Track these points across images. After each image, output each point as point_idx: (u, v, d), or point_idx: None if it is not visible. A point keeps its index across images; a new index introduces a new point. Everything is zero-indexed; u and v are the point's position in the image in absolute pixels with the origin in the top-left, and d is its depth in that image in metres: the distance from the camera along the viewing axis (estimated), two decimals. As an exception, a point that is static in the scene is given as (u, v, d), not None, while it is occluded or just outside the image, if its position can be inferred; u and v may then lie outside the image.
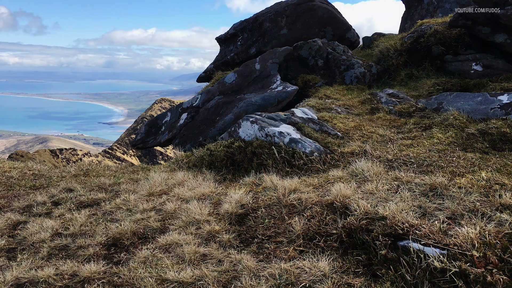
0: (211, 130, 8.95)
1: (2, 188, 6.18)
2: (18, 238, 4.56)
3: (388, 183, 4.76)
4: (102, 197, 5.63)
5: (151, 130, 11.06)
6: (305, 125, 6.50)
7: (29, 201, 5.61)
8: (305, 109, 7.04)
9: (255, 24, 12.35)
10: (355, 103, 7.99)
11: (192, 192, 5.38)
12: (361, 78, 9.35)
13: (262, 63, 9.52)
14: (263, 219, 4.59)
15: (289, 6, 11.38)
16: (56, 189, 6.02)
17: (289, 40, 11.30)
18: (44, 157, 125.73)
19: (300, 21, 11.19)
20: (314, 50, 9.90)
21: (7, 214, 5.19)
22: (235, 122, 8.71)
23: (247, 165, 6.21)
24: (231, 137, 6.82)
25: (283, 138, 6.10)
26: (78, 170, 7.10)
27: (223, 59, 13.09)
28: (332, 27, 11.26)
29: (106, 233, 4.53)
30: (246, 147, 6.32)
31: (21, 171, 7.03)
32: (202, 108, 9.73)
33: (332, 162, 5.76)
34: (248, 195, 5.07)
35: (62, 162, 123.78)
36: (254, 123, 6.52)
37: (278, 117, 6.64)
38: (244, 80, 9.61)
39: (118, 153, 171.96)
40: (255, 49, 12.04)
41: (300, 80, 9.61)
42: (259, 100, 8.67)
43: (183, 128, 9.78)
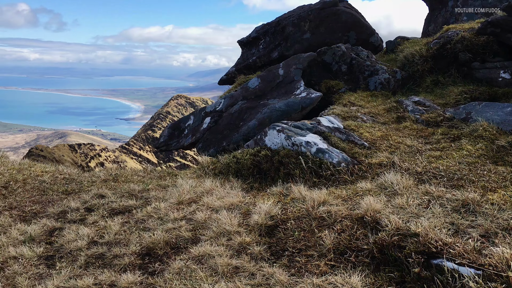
0: (234, 136, 9.02)
1: (36, 193, 6.36)
2: (56, 246, 4.71)
3: (419, 198, 4.76)
4: (133, 204, 5.75)
5: (174, 133, 11.19)
6: (331, 134, 6.52)
7: (63, 207, 5.77)
8: (330, 118, 7.06)
9: (277, 28, 12.37)
10: (381, 111, 7.97)
11: (221, 202, 5.46)
12: (385, 84, 9.32)
13: (286, 68, 9.56)
14: (293, 231, 4.64)
15: (313, 10, 11.38)
16: (88, 194, 6.17)
17: (312, 44, 11.31)
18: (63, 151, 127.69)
19: (323, 25, 11.18)
20: (337, 55, 9.90)
21: (42, 220, 5.35)
22: (259, 128, 8.77)
23: (273, 174, 6.26)
24: (257, 145, 6.88)
25: (310, 148, 6.14)
26: (107, 175, 7.25)
27: (245, 62, 13.16)
28: (356, 32, 11.22)
29: (140, 242, 4.64)
30: (273, 156, 6.38)
31: (53, 175, 7.21)
32: (225, 113, 9.81)
33: (360, 173, 5.78)
34: (277, 206, 5.12)
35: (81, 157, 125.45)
36: (280, 132, 6.56)
37: (305, 126, 6.68)
38: (267, 85, 9.66)
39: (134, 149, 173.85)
40: (277, 53, 12.08)
41: (324, 85, 9.62)
42: (283, 106, 8.71)
43: (206, 132, 9.88)
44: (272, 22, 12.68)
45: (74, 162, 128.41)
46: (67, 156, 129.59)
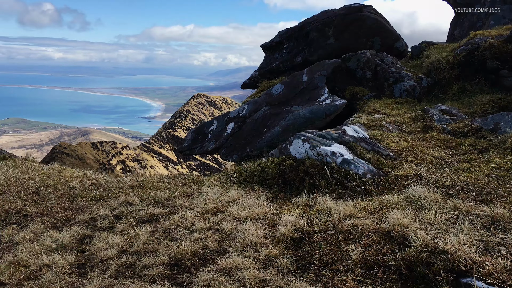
0: (258, 142, 9.06)
1: (66, 199, 6.53)
2: (87, 254, 4.83)
3: (447, 213, 4.72)
4: (160, 212, 5.85)
5: (198, 137, 11.31)
6: (357, 144, 6.51)
7: (92, 214, 5.91)
8: (356, 127, 7.04)
9: (301, 32, 12.36)
10: (406, 120, 7.90)
11: (246, 212, 5.52)
12: (410, 91, 9.23)
13: (310, 75, 9.55)
14: (319, 244, 4.65)
15: (337, 16, 11.32)
16: (116, 202, 6.30)
17: (335, 50, 11.27)
18: (85, 149, 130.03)
19: (347, 31, 11.12)
20: (362, 62, 9.84)
21: (73, 227, 5.50)
22: (282, 134, 8.81)
23: (298, 183, 6.29)
24: (282, 154, 6.91)
25: (335, 159, 6.14)
26: (134, 181, 7.39)
27: (268, 66, 13.19)
28: (380, 37, 11.13)
29: (168, 252, 4.73)
30: (298, 165, 6.40)
31: (81, 180, 7.38)
32: (249, 119, 9.86)
33: (386, 185, 5.76)
34: (302, 218, 5.14)
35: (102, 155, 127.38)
36: (305, 141, 6.58)
37: (330, 136, 6.68)
38: (291, 91, 9.67)
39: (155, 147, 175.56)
40: (300, 58, 12.07)
41: (348, 92, 9.58)
42: (307, 113, 8.71)
43: (230, 138, 9.95)
44: (295, 26, 12.67)
45: (96, 160, 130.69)
46: (89, 154, 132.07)
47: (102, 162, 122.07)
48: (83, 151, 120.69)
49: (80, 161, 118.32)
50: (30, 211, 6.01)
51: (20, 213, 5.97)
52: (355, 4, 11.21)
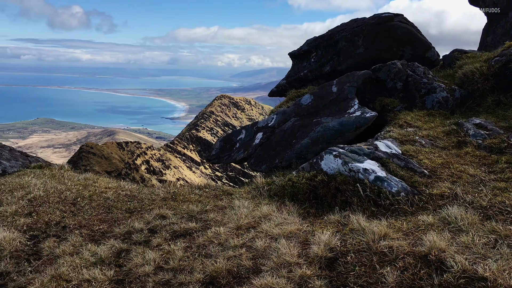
0: (287, 153, 9.09)
1: (102, 211, 6.70)
2: (125, 269, 4.95)
3: (485, 236, 4.64)
4: (193, 227, 5.94)
5: (226, 146, 11.41)
6: (389, 161, 6.46)
7: (128, 227, 6.05)
8: (388, 143, 6.98)
9: (330, 41, 12.31)
10: (440, 134, 7.79)
11: (279, 229, 5.55)
12: (443, 103, 9.08)
13: (339, 86, 9.52)
14: (353, 265, 4.64)
15: (367, 25, 11.23)
16: (150, 215, 6.43)
17: (365, 59, 11.18)
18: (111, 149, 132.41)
19: (377, 40, 11.02)
20: (393, 72, 9.74)
21: (110, 241, 5.64)
22: (312, 146, 8.80)
23: (330, 200, 6.29)
24: (313, 169, 6.92)
25: (368, 176, 6.11)
26: (166, 192, 7.51)
27: (296, 75, 13.19)
28: (411, 46, 10.98)
29: (203, 269, 4.81)
30: (329, 181, 6.39)
31: (116, 191, 7.56)
32: (277, 129, 9.89)
33: (420, 204, 5.69)
34: (336, 237, 5.13)
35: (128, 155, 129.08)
36: (337, 157, 6.57)
37: (362, 151, 6.65)
38: (320, 102, 9.66)
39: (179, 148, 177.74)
40: (329, 67, 12.02)
41: (378, 103, 9.49)
42: (337, 125, 8.69)
43: (258, 148, 10.00)
44: (324, 35, 12.62)
45: (121, 160, 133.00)
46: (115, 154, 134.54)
47: (127, 162, 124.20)
48: (109, 151, 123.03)
49: (106, 160, 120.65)
50: (69, 223, 6.19)
51: (59, 225, 6.16)
52: (386, 14, 11.10)
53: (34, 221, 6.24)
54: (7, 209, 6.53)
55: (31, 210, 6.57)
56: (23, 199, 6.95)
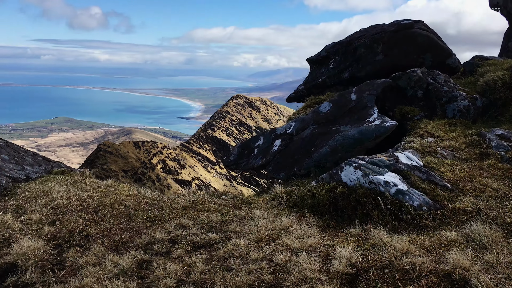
0: (306, 161, 9.08)
1: (123, 219, 6.79)
2: (147, 282, 5.02)
3: (510, 255, 4.58)
4: (213, 238, 5.98)
5: (244, 152, 11.44)
6: (411, 173, 6.41)
7: (149, 237, 6.13)
8: (409, 154, 6.92)
9: (348, 48, 12.25)
10: (461, 145, 7.69)
11: (299, 242, 5.55)
12: (464, 112, 8.96)
13: (358, 94, 9.47)
14: (375, 283, 4.62)
15: (386, 33, 11.14)
16: (170, 224, 6.50)
17: (384, 66, 11.10)
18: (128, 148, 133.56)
19: (397, 47, 10.93)
20: (413, 80, 9.65)
21: (132, 251, 5.72)
22: (331, 155, 8.78)
23: (350, 212, 6.26)
24: (332, 180, 6.90)
25: (389, 189, 6.07)
26: (186, 201, 7.58)
27: (314, 81, 13.16)
28: (432, 54, 10.86)
29: (224, 283, 4.84)
30: (350, 194, 6.37)
31: (136, 199, 7.65)
32: (296, 137, 9.89)
33: (443, 219, 5.63)
34: (357, 252, 5.11)
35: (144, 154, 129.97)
36: (357, 169, 6.54)
37: (382, 163, 6.61)
38: (339, 110, 9.62)
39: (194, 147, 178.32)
40: (348, 73, 11.96)
41: (398, 112, 9.42)
42: (356, 134, 8.65)
43: (276, 155, 10.01)
44: (343, 41, 12.55)
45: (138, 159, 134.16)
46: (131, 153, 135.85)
47: (143, 161, 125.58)
48: (125, 150, 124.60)
49: (123, 159, 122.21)
50: (91, 232, 6.30)
51: (82, 234, 6.27)
52: (406, 21, 10.99)
53: (57, 229, 6.36)
54: (32, 217, 6.67)
55: (54, 218, 6.69)
56: (47, 207, 7.08)
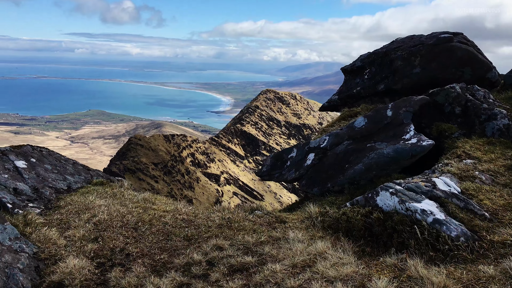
0: (340, 178, 9.09)
1: (162, 237, 7.01)
2: (187, 308, 5.21)
3: (551, 297, 4.52)
4: (249, 261, 6.11)
5: (277, 163, 11.53)
6: (448, 200, 6.35)
7: (187, 258, 6.31)
8: (447, 180, 6.85)
9: (384, 59, 12.11)
10: (500, 168, 7.53)
11: (335, 271, 5.61)
12: (504, 131, 8.75)
13: (395, 110, 9.39)
14: (412, 319, 4.65)
15: (425, 46, 10.95)
16: (207, 245, 6.67)
17: (421, 79, 10.93)
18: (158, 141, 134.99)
19: (435, 61, 10.73)
20: (451, 97, 9.48)
21: (171, 273, 5.92)
22: (365, 173, 8.76)
23: (386, 239, 6.27)
24: (368, 203, 6.91)
25: (426, 217, 6.04)
26: (221, 218, 7.74)
27: (349, 91, 13.09)
28: (471, 67, 10.61)
29: (261, 313, 4.97)
30: (386, 220, 6.37)
31: (173, 215, 7.87)
32: (330, 152, 9.90)
33: (481, 251, 5.58)
34: (393, 284, 5.13)
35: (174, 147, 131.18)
36: (393, 194, 6.53)
37: (419, 190, 6.57)
38: (374, 126, 9.56)
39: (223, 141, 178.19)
40: (383, 85, 11.84)
41: (435, 129, 9.28)
42: (391, 152, 8.59)
43: (310, 169, 10.06)
44: (379, 52, 12.41)
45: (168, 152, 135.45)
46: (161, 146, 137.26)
47: (173, 154, 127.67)
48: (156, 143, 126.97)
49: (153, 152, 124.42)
50: (132, 251, 6.53)
51: (123, 252, 6.51)
52: (445, 35, 10.76)
53: (100, 247, 6.63)
54: (75, 233, 6.97)
55: (97, 235, 6.97)
56: (89, 222, 7.38)
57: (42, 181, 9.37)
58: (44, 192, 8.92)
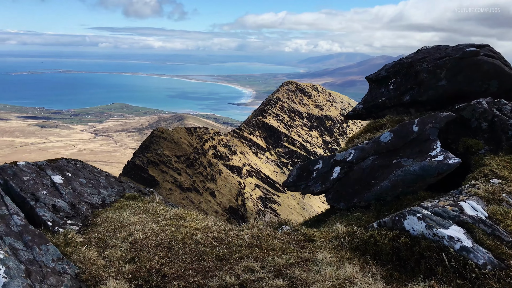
0: (366, 194, 9.24)
1: (195, 257, 7.32)
2: (222, 334, 5.50)
3: None
4: (280, 285, 6.35)
5: (303, 174, 11.73)
6: (475, 226, 6.45)
7: (220, 280, 6.59)
8: (474, 204, 6.94)
9: (410, 70, 12.10)
10: (528, 190, 7.55)
11: (364, 298, 5.81)
12: (532, 148, 8.73)
13: (421, 125, 9.44)
14: None
15: (451, 59, 10.90)
16: (238, 266, 6.94)
17: (447, 91, 10.91)
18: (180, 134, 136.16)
19: (461, 74, 10.69)
20: (478, 112, 9.47)
21: (206, 297, 6.23)
22: (392, 189, 8.89)
23: (414, 265, 6.42)
24: (395, 226, 7.06)
25: (453, 244, 6.17)
26: (251, 237, 8.01)
27: (374, 101, 13.13)
28: (498, 81, 10.52)
29: None
30: (413, 245, 6.52)
31: (204, 233, 8.18)
32: (356, 166, 10.04)
33: (507, 280, 5.68)
34: (421, 314, 5.32)
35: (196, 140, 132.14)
36: (421, 219, 6.67)
37: (447, 214, 6.68)
38: (400, 140, 9.64)
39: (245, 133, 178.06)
40: (409, 96, 11.85)
41: (462, 145, 9.31)
42: (418, 169, 8.69)
43: (336, 183, 10.22)
44: (403, 62, 12.38)
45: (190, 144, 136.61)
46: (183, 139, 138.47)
47: (195, 147, 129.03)
48: (178, 136, 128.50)
49: (176, 145, 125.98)
50: (167, 272, 6.86)
51: (159, 273, 6.84)
52: (471, 49, 10.68)
53: (137, 268, 6.98)
54: (113, 253, 7.34)
55: (133, 255, 7.33)
56: (125, 242, 7.75)
57: (78, 196, 9.82)
58: (81, 208, 9.36)
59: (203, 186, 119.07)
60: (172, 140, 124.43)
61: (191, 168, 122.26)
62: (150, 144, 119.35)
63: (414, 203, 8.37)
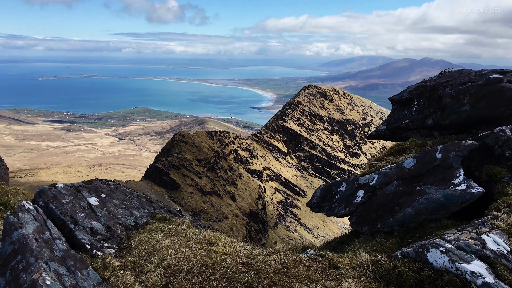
0: (389, 220, 9.48)
1: (225, 284, 7.69)
2: None
3: None
4: (307, 316, 6.70)
5: (326, 196, 12.02)
6: (497, 261, 6.65)
7: (250, 311, 6.98)
8: (496, 238, 7.13)
9: (433, 93, 12.28)
10: (551, 223, 7.68)
11: (388, 331, 6.10)
12: (556, 177, 8.83)
13: (444, 153, 9.64)
14: None
15: (474, 86, 11.06)
16: (267, 296, 7.30)
17: (470, 116, 11.06)
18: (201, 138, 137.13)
19: (484, 100, 10.84)
20: (501, 140, 9.62)
21: (237, 325, 6.60)
22: (415, 217, 9.11)
23: (437, 298, 6.66)
24: (418, 257, 7.30)
25: (475, 279, 6.39)
26: (277, 263, 8.34)
27: (397, 123, 13.35)
28: (522, 107, 10.65)
29: None
30: (436, 279, 6.76)
31: (233, 258, 8.56)
32: (379, 191, 10.28)
33: (529, 318, 5.88)
34: None
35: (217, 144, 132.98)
36: (444, 253, 6.90)
37: (469, 249, 6.90)
38: (423, 167, 9.85)
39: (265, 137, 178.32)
40: (432, 120, 12.03)
41: (485, 172, 9.47)
42: (441, 198, 8.89)
43: (359, 207, 10.48)
44: (426, 85, 12.58)
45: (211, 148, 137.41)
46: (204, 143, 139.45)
47: (216, 151, 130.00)
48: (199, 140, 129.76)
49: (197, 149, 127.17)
50: (200, 300, 7.26)
51: (192, 301, 7.26)
52: (494, 76, 10.82)
53: (171, 294, 7.40)
54: (149, 278, 7.78)
55: (167, 280, 7.75)
56: (159, 267, 8.19)
57: (113, 218, 10.34)
58: (116, 230, 9.86)
59: (223, 190, 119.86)
60: (193, 144, 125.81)
61: (211, 172, 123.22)
62: (172, 148, 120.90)
63: (437, 231, 8.60)
